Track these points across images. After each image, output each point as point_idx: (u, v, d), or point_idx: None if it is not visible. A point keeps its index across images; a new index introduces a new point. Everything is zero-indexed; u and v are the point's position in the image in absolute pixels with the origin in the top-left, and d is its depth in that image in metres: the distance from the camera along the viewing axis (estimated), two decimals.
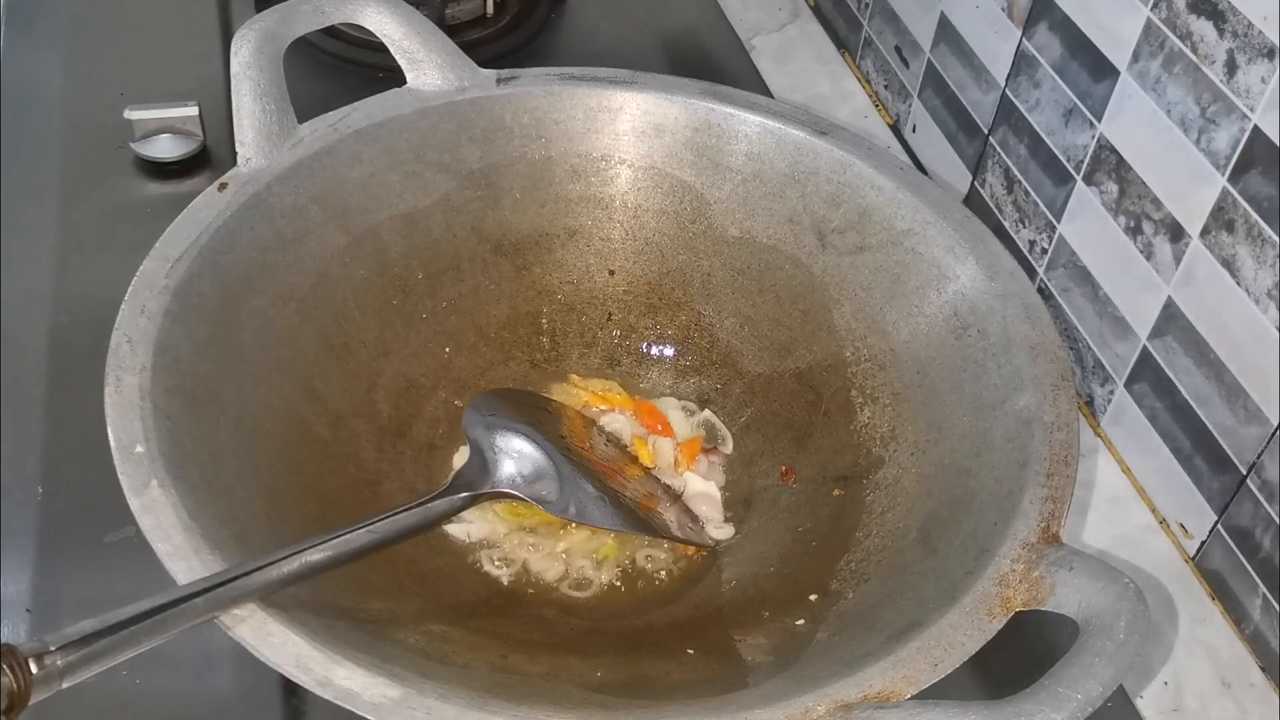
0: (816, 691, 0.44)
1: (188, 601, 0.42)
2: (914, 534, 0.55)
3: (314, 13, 0.64)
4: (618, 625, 0.59)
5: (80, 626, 0.40)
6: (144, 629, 0.41)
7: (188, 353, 0.54)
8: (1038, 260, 0.74)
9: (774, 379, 0.67)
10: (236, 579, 0.44)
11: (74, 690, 0.40)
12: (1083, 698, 0.41)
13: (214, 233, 0.58)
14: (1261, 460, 0.59)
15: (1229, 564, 0.62)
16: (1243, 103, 0.56)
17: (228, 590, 0.43)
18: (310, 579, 0.47)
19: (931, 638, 0.46)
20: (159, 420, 0.50)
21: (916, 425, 0.60)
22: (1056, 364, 0.56)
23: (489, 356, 0.69)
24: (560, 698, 0.47)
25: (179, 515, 0.46)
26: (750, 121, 0.67)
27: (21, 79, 0.88)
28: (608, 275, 0.71)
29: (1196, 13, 0.58)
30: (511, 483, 0.57)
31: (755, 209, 0.68)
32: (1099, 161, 0.67)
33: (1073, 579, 0.46)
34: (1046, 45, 0.70)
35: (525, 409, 0.63)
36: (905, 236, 0.63)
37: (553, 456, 0.59)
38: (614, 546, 0.61)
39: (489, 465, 0.57)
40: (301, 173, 0.62)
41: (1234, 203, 0.57)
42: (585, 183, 0.70)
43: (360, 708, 0.42)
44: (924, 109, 0.86)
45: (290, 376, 0.59)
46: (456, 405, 0.66)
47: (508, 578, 0.60)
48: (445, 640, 0.51)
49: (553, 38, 0.98)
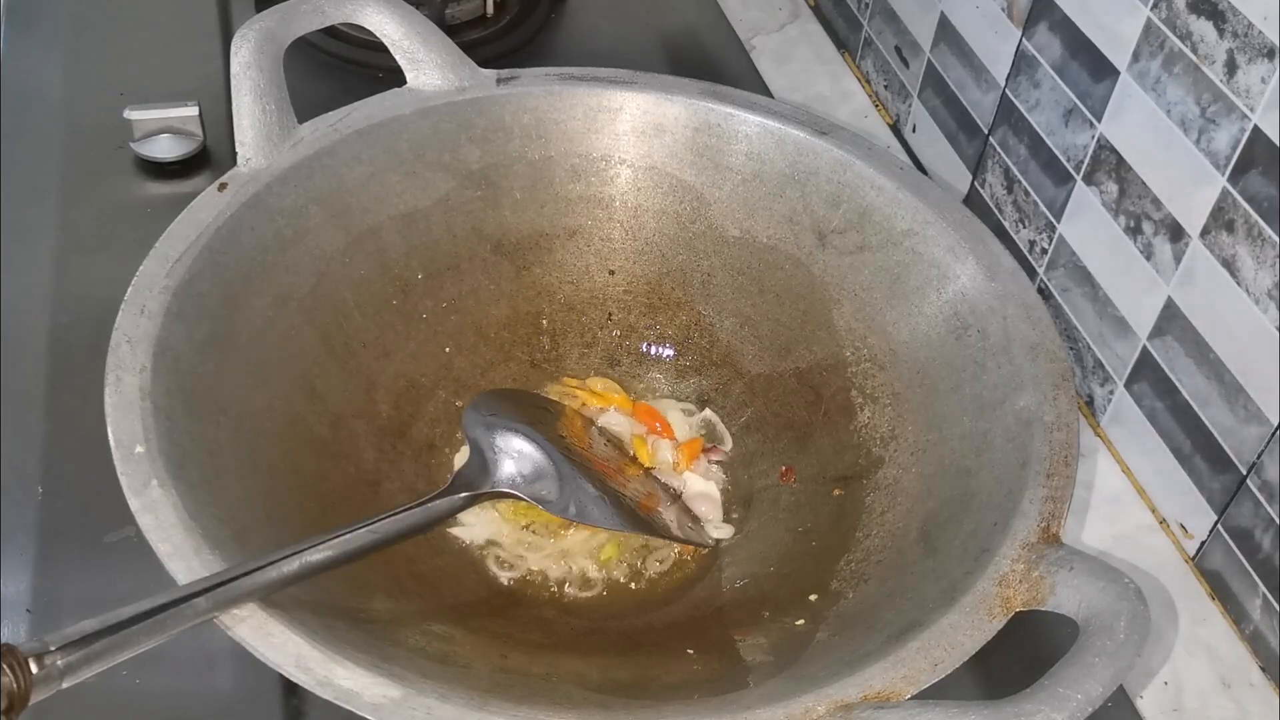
0: (816, 691, 0.44)
1: (188, 601, 0.42)
2: (914, 534, 0.55)
3: (314, 13, 0.64)
4: (618, 625, 0.59)
5: (80, 626, 0.40)
6: (144, 629, 0.41)
7: (188, 353, 0.54)
8: (1038, 260, 0.74)
9: (774, 379, 0.67)
10: (237, 579, 0.44)
11: (74, 690, 0.40)
12: (1083, 698, 0.41)
13: (214, 233, 0.57)
14: (1261, 460, 0.59)
15: (1229, 564, 0.62)
16: (1243, 103, 0.56)
17: (228, 590, 0.43)
18: (310, 579, 0.47)
19: (931, 638, 0.46)
20: (159, 420, 0.50)
21: (916, 425, 0.60)
22: (1056, 364, 0.56)
23: (489, 356, 0.69)
24: (560, 698, 0.47)
25: (179, 515, 0.46)
26: (750, 121, 0.67)
27: (21, 79, 0.87)
28: (608, 275, 0.71)
29: (1196, 13, 0.58)
30: (512, 482, 0.57)
31: (755, 209, 0.68)
32: (1099, 161, 0.67)
33: (1073, 579, 0.46)
34: (1046, 45, 0.70)
35: (525, 409, 0.63)
36: (905, 236, 0.63)
37: (553, 456, 0.59)
38: (614, 547, 0.61)
39: (489, 465, 0.57)
40: (301, 173, 0.62)
41: (1234, 203, 0.57)
42: (585, 183, 0.70)
43: (360, 708, 0.42)
44: (924, 109, 0.86)
45: (290, 376, 0.59)
46: (456, 405, 0.66)
47: (508, 578, 0.60)
48: (445, 640, 0.51)
49: (553, 38, 0.98)
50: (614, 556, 0.61)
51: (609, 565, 0.61)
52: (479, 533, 0.61)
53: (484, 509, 0.61)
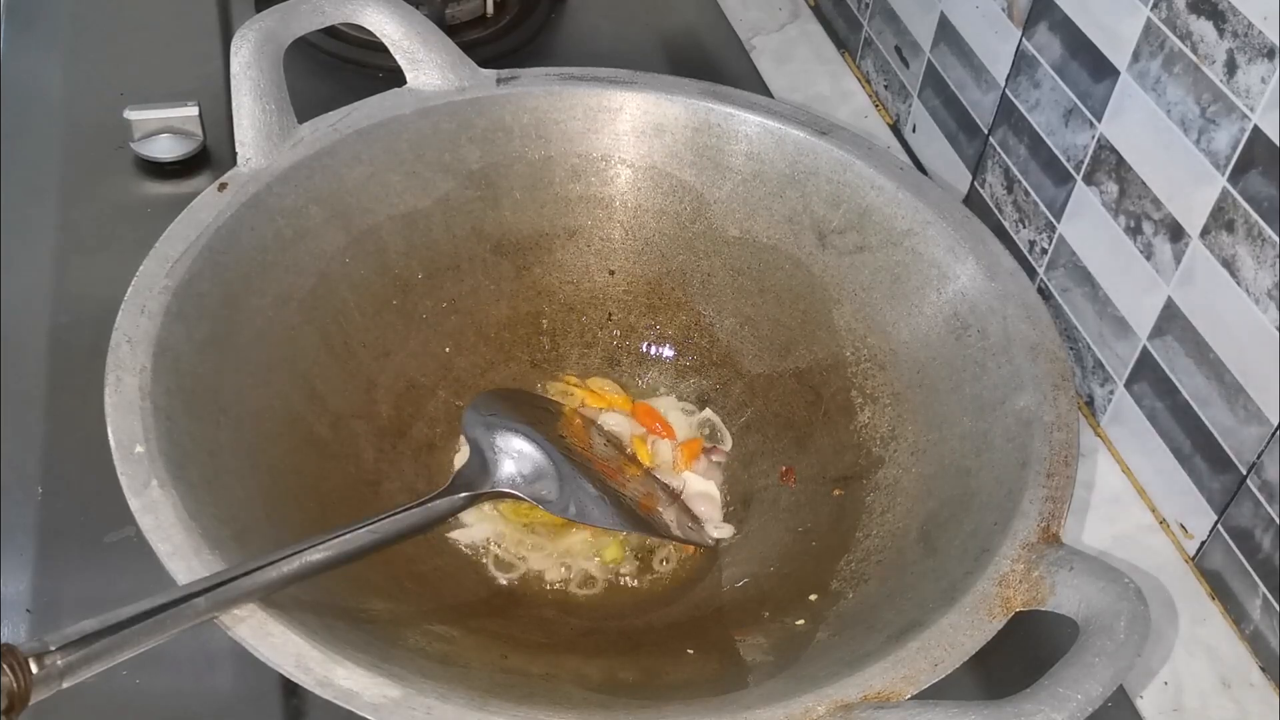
0: (816, 691, 0.44)
1: (188, 601, 0.42)
2: (914, 534, 0.55)
3: (314, 13, 0.64)
4: (618, 625, 0.59)
5: (80, 626, 0.40)
6: (144, 629, 0.41)
7: (188, 353, 0.54)
8: (1038, 260, 0.74)
9: (774, 379, 0.67)
10: (236, 579, 0.44)
11: (74, 690, 0.40)
12: (1083, 698, 0.41)
13: (214, 233, 0.57)
14: (1261, 460, 0.59)
15: (1229, 564, 0.62)
16: (1243, 103, 0.56)
17: (227, 590, 0.43)
18: (310, 579, 0.47)
19: (931, 638, 0.46)
20: (159, 420, 0.50)
21: (916, 425, 0.60)
22: (1056, 364, 0.56)
23: (489, 356, 0.69)
24: (560, 698, 0.47)
25: (179, 515, 0.46)
26: (750, 121, 0.67)
27: (21, 79, 0.87)
28: (608, 275, 0.71)
29: (1196, 13, 0.58)
30: (511, 482, 0.57)
31: (755, 209, 0.68)
32: (1099, 161, 0.67)
33: (1073, 579, 0.46)
34: (1046, 45, 0.70)
35: (524, 409, 0.63)
36: (905, 236, 0.63)
37: (552, 456, 0.59)
38: (615, 547, 0.61)
39: (489, 465, 0.57)
40: (301, 173, 0.62)
41: (1234, 203, 0.57)
42: (585, 183, 0.70)
43: (360, 708, 0.42)
44: (924, 109, 0.86)
45: (290, 376, 0.59)
46: (457, 405, 0.66)
47: (508, 578, 0.60)
48: (445, 640, 0.51)
49: (553, 38, 0.98)
50: (619, 559, 0.61)
51: (609, 566, 0.61)
52: (480, 533, 0.61)
53: (486, 509, 0.61)
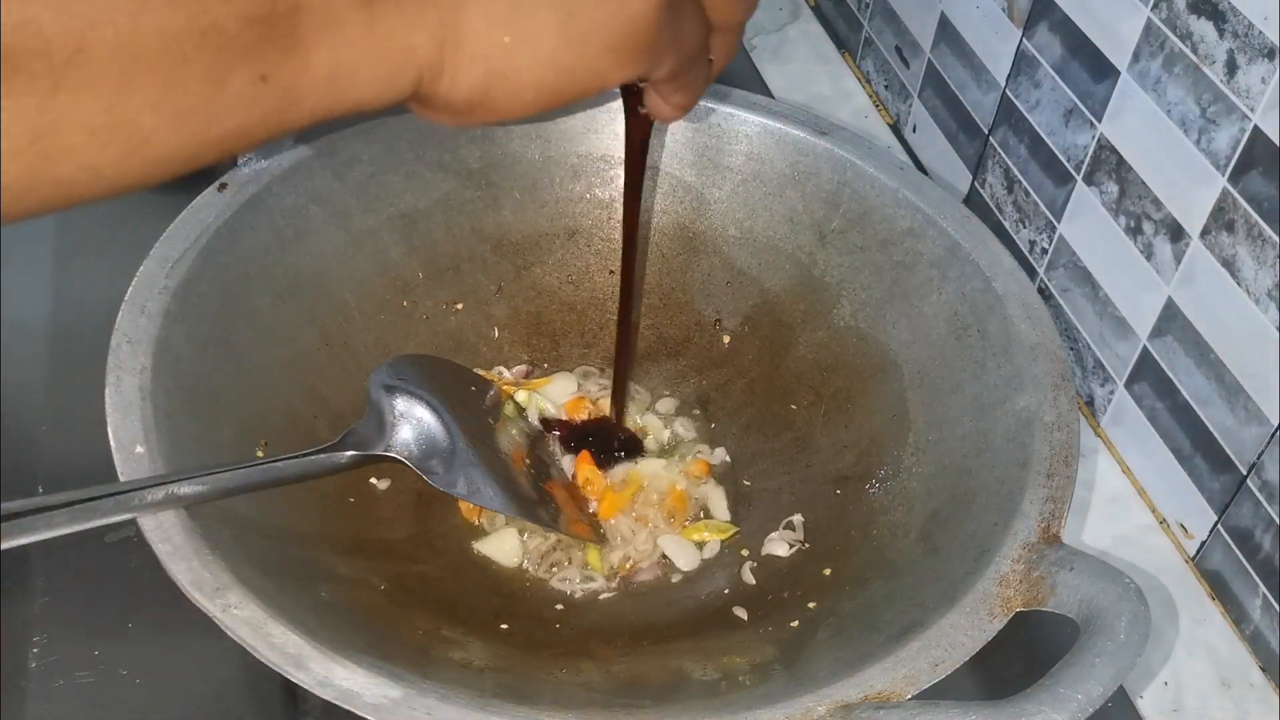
0: (816, 691, 0.44)
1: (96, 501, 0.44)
2: (914, 534, 0.55)
3: None
4: (618, 625, 0.59)
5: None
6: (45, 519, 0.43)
7: (188, 353, 0.54)
8: (1038, 260, 0.74)
9: (774, 379, 0.67)
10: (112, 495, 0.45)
11: (74, 690, 0.40)
12: (1083, 698, 0.41)
13: (214, 233, 0.58)
14: (1261, 460, 0.59)
15: (1229, 564, 0.62)
16: (1243, 103, 0.56)
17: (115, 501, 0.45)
18: (295, 571, 0.47)
19: (932, 638, 0.46)
20: (159, 420, 0.50)
21: (916, 425, 0.60)
22: (1056, 364, 0.56)
23: (489, 356, 0.69)
24: (560, 698, 0.47)
25: (179, 515, 0.46)
26: (750, 121, 0.67)
27: None
28: (608, 275, 0.71)
29: (1196, 13, 0.58)
30: (405, 449, 0.55)
31: (755, 209, 0.68)
32: (1099, 161, 0.67)
33: (1073, 579, 0.46)
34: (1046, 45, 0.70)
35: (443, 380, 0.61)
36: (905, 236, 0.63)
37: (451, 430, 0.57)
38: (616, 547, 0.61)
39: (384, 428, 0.55)
40: (301, 173, 0.62)
41: (1234, 203, 0.57)
42: (585, 183, 0.70)
43: (360, 708, 0.42)
44: (924, 109, 0.86)
45: (290, 376, 0.59)
46: None
47: (509, 577, 0.60)
48: (446, 640, 0.51)
49: None
50: (616, 558, 0.61)
51: (610, 566, 0.61)
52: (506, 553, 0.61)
53: (507, 530, 0.61)
